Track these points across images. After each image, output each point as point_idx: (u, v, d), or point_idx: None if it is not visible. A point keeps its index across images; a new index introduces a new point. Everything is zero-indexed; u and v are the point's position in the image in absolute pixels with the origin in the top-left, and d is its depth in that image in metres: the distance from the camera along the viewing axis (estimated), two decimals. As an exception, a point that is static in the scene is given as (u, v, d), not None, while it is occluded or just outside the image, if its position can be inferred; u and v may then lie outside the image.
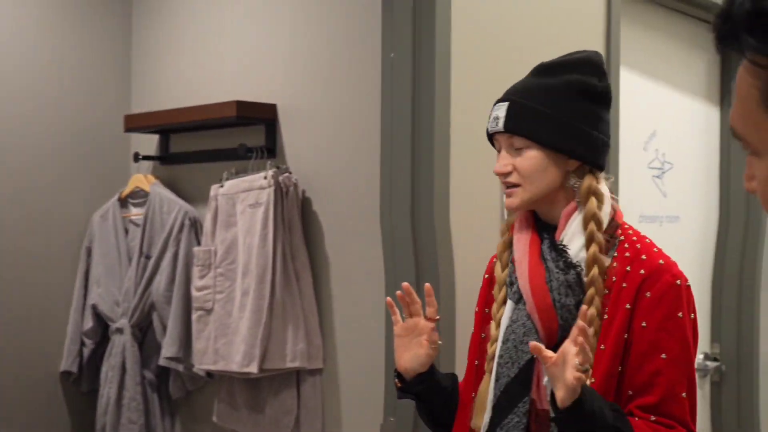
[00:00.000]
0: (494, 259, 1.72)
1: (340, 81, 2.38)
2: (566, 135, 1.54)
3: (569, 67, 1.57)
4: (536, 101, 1.55)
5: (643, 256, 1.51)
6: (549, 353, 1.37)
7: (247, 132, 2.64)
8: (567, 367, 1.34)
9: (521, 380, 1.52)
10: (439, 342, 1.63)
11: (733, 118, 0.83)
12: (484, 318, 1.69)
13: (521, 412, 1.51)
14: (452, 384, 1.72)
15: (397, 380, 1.68)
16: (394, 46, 1.95)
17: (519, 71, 1.67)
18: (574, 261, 1.53)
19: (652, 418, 1.46)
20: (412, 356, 1.63)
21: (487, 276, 1.74)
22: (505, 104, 1.57)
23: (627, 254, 1.52)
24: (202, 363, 2.56)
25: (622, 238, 1.56)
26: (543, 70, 1.59)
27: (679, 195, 2.91)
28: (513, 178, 1.56)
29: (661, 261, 1.50)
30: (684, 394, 1.47)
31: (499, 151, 1.60)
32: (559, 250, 1.55)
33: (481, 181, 2.10)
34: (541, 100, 1.55)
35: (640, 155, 2.71)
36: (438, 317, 1.64)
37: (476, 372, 1.66)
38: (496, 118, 1.58)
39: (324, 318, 2.47)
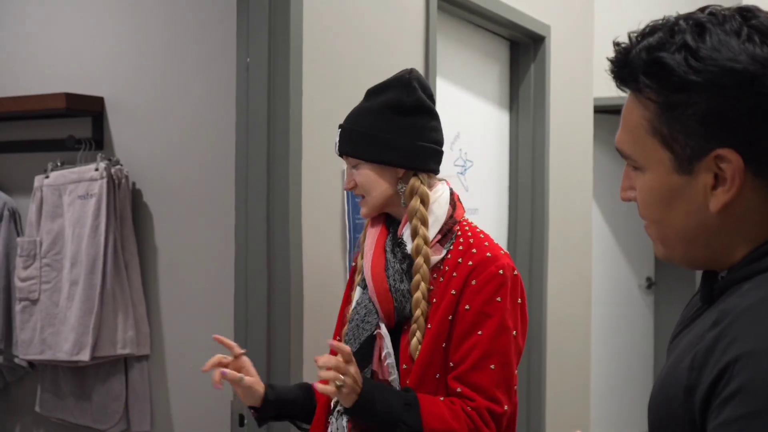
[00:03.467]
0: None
1: (180, 77, 2.46)
2: (386, 149, 1.77)
3: (384, 90, 1.80)
4: (360, 125, 1.79)
5: (474, 250, 1.74)
6: None
7: (71, 123, 2.64)
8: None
9: (362, 354, 1.73)
10: (243, 378, 1.75)
11: (621, 142, 1.03)
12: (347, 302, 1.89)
13: None
14: (304, 392, 1.86)
15: (253, 411, 1.82)
16: (250, 50, 2.07)
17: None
18: (410, 253, 1.75)
19: (459, 389, 1.67)
20: (245, 393, 1.77)
21: (354, 264, 1.93)
22: (339, 131, 1.82)
23: (461, 247, 1.75)
24: (27, 353, 2.55)
25: (459, 233, 1.78)
26: (368, 95, 1.83)
27: (478, 189, 3.23)
28: (357, 192, 1.81)
29: (488, 254, 1.73)
30: (493, 367, 1.67)
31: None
32: (398, 243, 1.78)
33: (329, 178, 2.28)
34: (363, 123, 1.79)
35: (447, 154, 2.98)
36: (243, 350, 1.80)
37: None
38: (335, 143, 1.82)
39: (151, 306, 2.55)
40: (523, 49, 3.46)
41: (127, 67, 2.57)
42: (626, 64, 0.99)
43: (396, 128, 1.76)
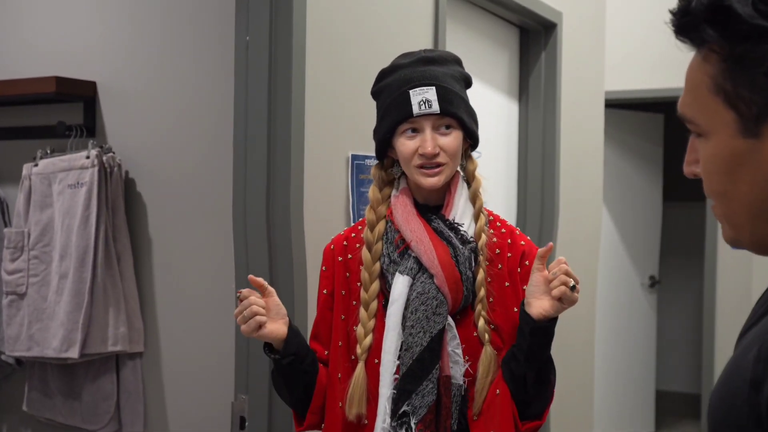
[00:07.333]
0: (331, 246, 1.76)
1: (176, 60, 2.35)
2: (471, 118, 1.69)
3: (450, 60, 1.70)
4: (453, 87, 1.65)
5: (517, 231, 1.75)
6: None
7: (61, 109, 2.53)
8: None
9: (432, 348, 1.61)
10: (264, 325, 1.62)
11: (683, 105, 0.92)
12: (342, 300, 1.71)
13: (434, 378, 1.60)
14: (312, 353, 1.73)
15: (272, 354, 1.66)
16: (250, 29, 1.96)
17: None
18: (468, 237, 1.66)
19: None
20: (276, 329, 1.63)
21: (325, 268, 1.76)
22: (432, 88, 1.62)
23: (503, 230, 1.72)
24: (15, 350, 2.45)
25: (491, 218, 1.74)
26: (432, 59, 1.67)
27: (486, 181, 3.11)
28: (441, 158, 1.63)
29: (521, 235, 1.76)
30: None
31: (413, 131, 1.64)
32: (454, 228, 1.66)
33: (334, 165, 2.16)
34: (455, 86, 1.66)
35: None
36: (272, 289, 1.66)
37: (341, 352, 1.70)
38: (427, 101, 1.62)
39: (145, 301, 2.44)
40: (534, 37, 3.35)
41: (120, 49, 2.46)
42: (687, 12, 0.88)
43: (469, 99, 1.71)
